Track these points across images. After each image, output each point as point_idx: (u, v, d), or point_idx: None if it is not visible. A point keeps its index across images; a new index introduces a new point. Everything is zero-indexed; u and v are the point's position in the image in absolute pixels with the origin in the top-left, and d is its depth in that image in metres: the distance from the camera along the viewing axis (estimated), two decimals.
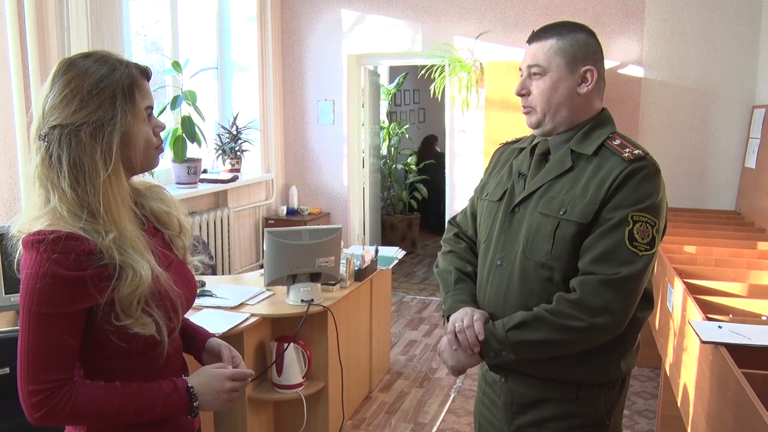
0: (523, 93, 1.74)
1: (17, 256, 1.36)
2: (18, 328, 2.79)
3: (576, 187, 1.67)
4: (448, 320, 1.80)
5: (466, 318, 1.71)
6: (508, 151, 1.95)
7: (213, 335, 1.71)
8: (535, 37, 1.72)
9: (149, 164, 1.48)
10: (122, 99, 1.37)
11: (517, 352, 1.66)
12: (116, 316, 1.33)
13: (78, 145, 1.33)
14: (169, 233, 1.57)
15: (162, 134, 1.52)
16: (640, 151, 1.65)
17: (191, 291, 1.58)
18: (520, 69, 1.76)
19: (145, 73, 1.46)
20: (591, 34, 1.73)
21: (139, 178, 1.55)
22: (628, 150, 1.65)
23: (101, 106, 1.35)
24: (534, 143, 1.82)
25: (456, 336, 1.71)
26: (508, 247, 1.74)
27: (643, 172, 1.61)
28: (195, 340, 1.67)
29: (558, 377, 1.72)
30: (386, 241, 7.56)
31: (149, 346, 1.40)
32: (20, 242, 1.34)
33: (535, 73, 1.70)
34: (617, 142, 1.69)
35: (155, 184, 1.62)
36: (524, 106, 1.75)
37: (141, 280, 1.34)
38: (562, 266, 1.65)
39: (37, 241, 1.29)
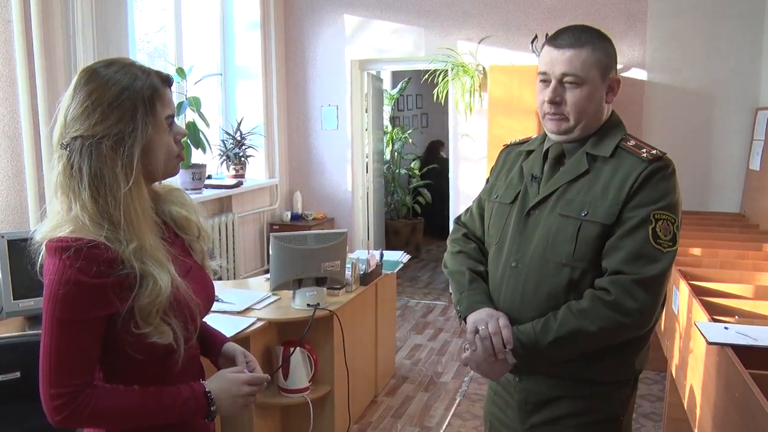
0: (557, 101, 1.71)
1: (40, 260, 1.37)
2: (27, 332, 2.83)
3: (594, 189, 1.69)
4: (465, 321, 1.80)
5: (491, 322, 1.70)
6: (514, 153, 1.95)
7: (229, 340, 1.72)
8: (567, 44, 1.68)
9: (170, 172, 1.49)
10: (143, 110, 1.37)
11: (552, 359, 1.69)
12: (135, 324, 1.35)
13: (99, 157, 1.33)
14: (188, 238, 1.58)
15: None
16: (657, 151, 1.69)
17: (209, 297, 1.59)
18: (545, 73, 1.72)
19: (167, 81, 1.45)
20: (611, 41, 1.75)
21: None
22: (645, 150, 1.69)
23: (122, 119, 1.35)
24: (546, 146, 1.82)
25: (482, 341, 1.70)
26: (523, 249, 1.75)
27: (662, 171, 1.65)
28: (212, 345, 1.68)
29: (573, 375, 1.74)
30: (390, 246, 7.56)
31: (165, 354, 1.42)
32: (43, 246, 1.35)
33: (571, 83, 1.68)
34: (632, 143, 1.72)
35: (176, 188, 1.62)
36: (554, 113, 1.72)
37: (160, 290, 1.35)
38: (584, 267, 1.67)
39: (61, 248, 1.30)
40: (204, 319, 1.60)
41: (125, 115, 1.35)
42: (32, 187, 3.49)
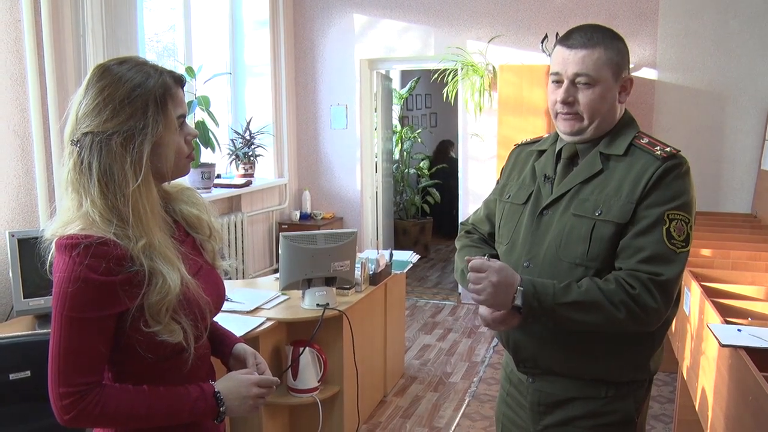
0: (570, 101, 1.70)
1: (50, 258, 1.37)
2: (37, 331, 2.83)
3: (608, 188, 1.68)
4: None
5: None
6: (525, 153, 1.95)
7: (240, 340, 1.71)
8: (580, 44, 1.68)
9: (180, 172, 1.49)
10: (154, 109, 1.37)
11: (557, 323, 1.66)
12: (145, 322, 1.34)
13: (108, 154, 1.34)
14: (199, 237, 1.58)
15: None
16: (671, 149, 1.67)
17: (220, 296, 1.59)
18: (557, 73, 1.72)
19: (180, 81, 1.45)
20: (623, 41, 1.74)
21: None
22: (659, 148, 1.68)
23: (133, 116, 1.35)
24: (559, 146, 1.81)
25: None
26: (536, 249, 1.75)
27: (677, 170, 1.64)
28: (222, 345, 1.68)
29: (587, 376, 1.73)
30: (399, 246, 7.56)
31: (175, 352, 1.41)
32: (53, 244, 1.35)
33: (583, 83, 1.68)
34: (645, 140, 1.71)
35: (187, 187, 1.62)
36: (567, 113, 1.71)
37: (169, 288, 1.34)
38: (598, 266, 1.66)
39: (71, 246, 1.30)
40: (213, 319, 1.60)
41: (136, 112, 1.35)
42: (42, 186, 3.50)
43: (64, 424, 1.33)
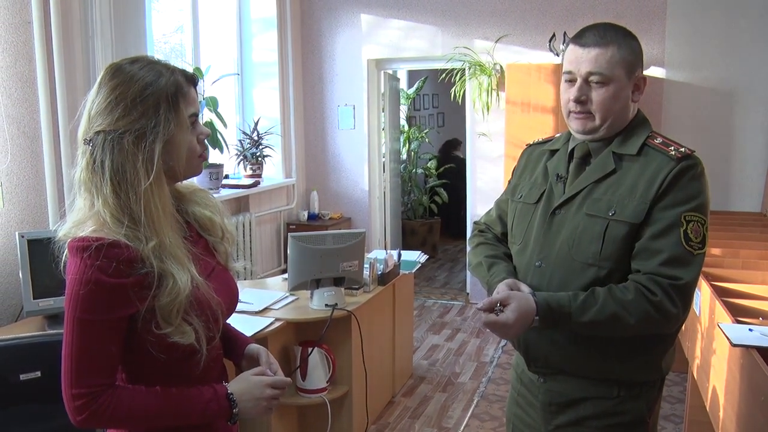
0: (583, 100, 1.69)
1: (64, 258, 1.38)
2: (47, 332, 2.84)
3: (621, 188, 1.67)
4: None
5: (501, 286, 1.69)
6: (537, 152, 1.94)
7: (252, 341, 1.71)
8: (593, 42, 1.67)
9: (192, 172, 1.49)
10: (166, 107, 1.37)
11: (576, 331, 1.67)
12: (156, 324, 1.34)
13: (120, 152, 1.34)
14: (211, 239, 1.58)
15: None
16: (686, 149, 1.66)
17: (233, 298, 1.59)
18: (570, 72, 1.71)
19: (192, 80, 1.45)
20: (637, 39, 1.73)
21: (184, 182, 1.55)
22: (673, 148, 1.67)
23: (144, 114, 1.35)
24: (571, 146, 1.80)
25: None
26: (548, 249, 1.74)
27: (692, 170, 1.64)
28: (235, 346, 1.67)
29: (599, 376, 1.72)
30: (407, 246, 7.54)
31: (188, 354, 1.41)
32: (66, 246, 1.35)
33: (596, 82, 1.67)
34: (659, 140, 1.71)
35: (200, 188, 1.62)
36: (579, 112, 1.71)
37: (179, 289, 1.34)
38: (611, 266, 1.66)
39: (82, 248, 1.31)
40: (226, 321, 1.60)
41: (148, 110, 1.36)
42: (51, 187, 3.51)
43: (77, 425, 1.33)
